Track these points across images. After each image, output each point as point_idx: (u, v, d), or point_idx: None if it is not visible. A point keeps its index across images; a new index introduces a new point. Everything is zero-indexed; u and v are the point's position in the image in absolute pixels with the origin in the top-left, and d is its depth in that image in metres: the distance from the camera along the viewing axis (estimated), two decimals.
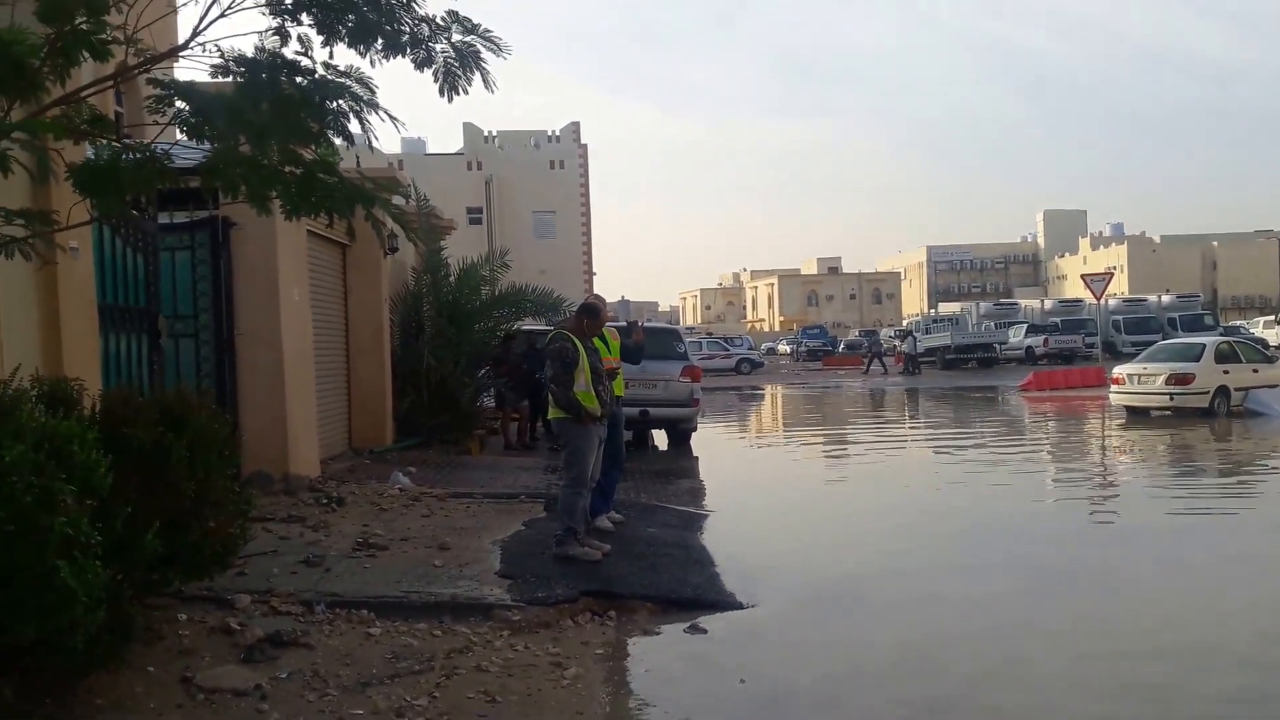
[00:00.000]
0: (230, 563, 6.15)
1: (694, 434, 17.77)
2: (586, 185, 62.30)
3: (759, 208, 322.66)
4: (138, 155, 4.61)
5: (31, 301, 6.58)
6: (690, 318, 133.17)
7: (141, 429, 5.22)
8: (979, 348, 49.21)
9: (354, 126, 4.62)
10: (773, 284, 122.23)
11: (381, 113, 4.51)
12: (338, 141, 4.63)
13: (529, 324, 17.72)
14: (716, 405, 28.73)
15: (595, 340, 9.14)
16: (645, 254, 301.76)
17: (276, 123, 4.42)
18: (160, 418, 5.44)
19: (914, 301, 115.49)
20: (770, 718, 5.52)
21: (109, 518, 4.54)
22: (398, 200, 6.00)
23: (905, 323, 71.99)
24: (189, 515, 5.44)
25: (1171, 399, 20.96)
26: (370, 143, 4.58)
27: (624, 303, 10.28)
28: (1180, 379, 20.83)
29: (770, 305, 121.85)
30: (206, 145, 4.67)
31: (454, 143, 65.47)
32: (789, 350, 72.48)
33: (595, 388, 8.11)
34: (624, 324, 10.91)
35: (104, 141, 4.80)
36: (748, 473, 16.72)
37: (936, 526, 10.96)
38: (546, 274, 30.25)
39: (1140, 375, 21.74)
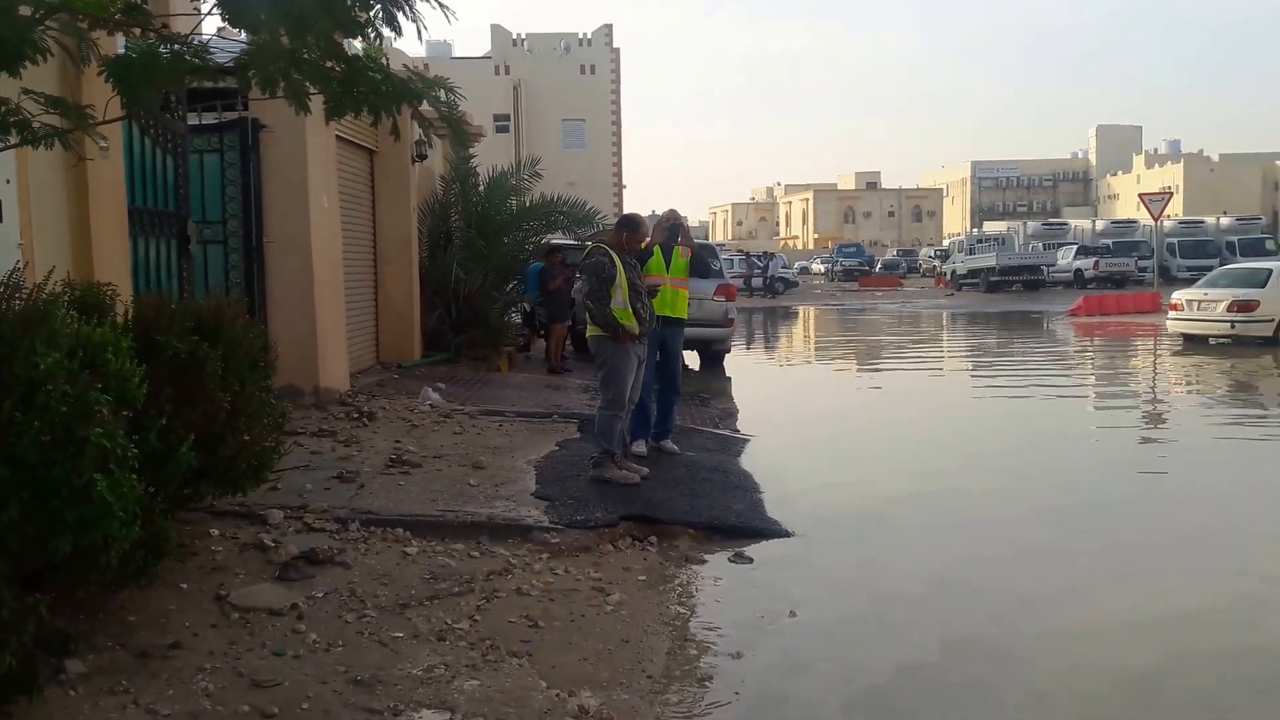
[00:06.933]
0: (264, 477, 6.00)
1: (727, 355, 17.49)
2: (618, 92, 59.00)
3: (795, 119, 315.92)
4: (174, 48, 4.33)
5: (62, 201, 6.33)
6: (720, 234, 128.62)
7: (177, 338, 5.02)
8: (1025, 269, 47.21)
9: (400, 17, 4.31)
10: (807, 199, 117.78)
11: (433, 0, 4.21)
12: (385, 32, 4.32)
13: (558, 238, 17.31)
14: (748, 326, 28.35)
15: (658, 256, 8.89)
16: (674, 166, 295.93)
17: (319, 13, 4.12)
18: (195, 327, 5.24)
19: (956, 220, 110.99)
20: (823, 651, 5.36)
21: (143, 430, 4.38)
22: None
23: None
24: (224, 428, 5.27)
25: (1233, 327, 20.19)
26: (419, 33, 4.27)
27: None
28: (1243, 306, 20.00)
29: (805, 222, 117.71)
30: (244, 40, 4.38)
31: (481, 46, 63.30)
32: (823, 270, 69.74)
33: (633, 305, 7.84)
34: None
35: (137, 34, 4.51)
36: (783, 395, 16.42)
37: (974, 452, 10.76)
38: (576, 186, 29.45)
39: (1200, 301, 20.94)
